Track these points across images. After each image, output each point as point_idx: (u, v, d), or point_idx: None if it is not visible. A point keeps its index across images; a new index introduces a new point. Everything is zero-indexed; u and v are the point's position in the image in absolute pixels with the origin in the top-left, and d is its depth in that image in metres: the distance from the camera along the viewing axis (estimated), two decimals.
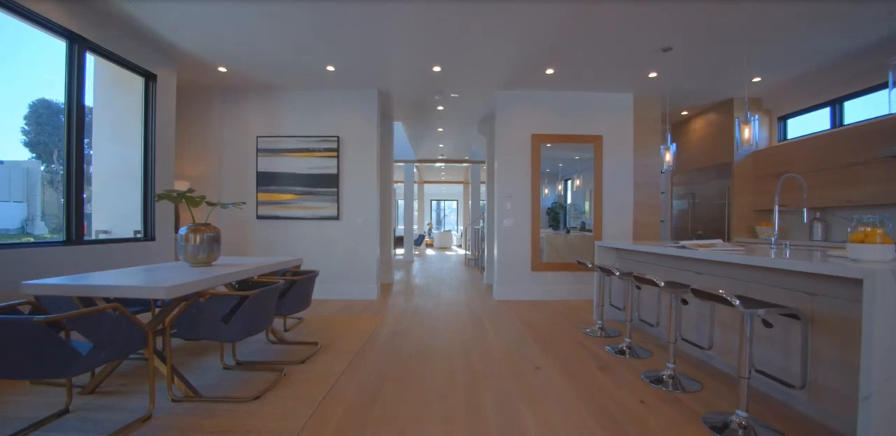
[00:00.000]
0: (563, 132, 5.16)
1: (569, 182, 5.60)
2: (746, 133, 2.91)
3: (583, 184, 5.48)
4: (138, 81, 3.98)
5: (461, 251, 14.18)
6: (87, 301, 2.26)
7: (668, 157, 3.85)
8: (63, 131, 3.17)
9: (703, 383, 2.45)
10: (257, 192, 5.13)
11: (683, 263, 3.00)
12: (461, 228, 17.84)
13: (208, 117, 5.11)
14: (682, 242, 2.89)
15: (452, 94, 5.31)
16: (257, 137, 5.12)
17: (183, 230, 2.66)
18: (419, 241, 13.30)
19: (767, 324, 2.08)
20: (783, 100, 5.25)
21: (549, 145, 5.18)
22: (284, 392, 2.29)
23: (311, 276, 2.95)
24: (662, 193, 6.44)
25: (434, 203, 20.29)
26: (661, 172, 3.93)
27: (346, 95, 5.13)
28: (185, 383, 2.18)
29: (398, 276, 7.45)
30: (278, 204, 5.11)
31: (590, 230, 5.38)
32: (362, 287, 5.09)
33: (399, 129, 7.34)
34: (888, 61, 3.90)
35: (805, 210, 2.79)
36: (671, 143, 3.92)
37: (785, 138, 5.44)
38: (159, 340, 2.25)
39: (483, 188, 12.17)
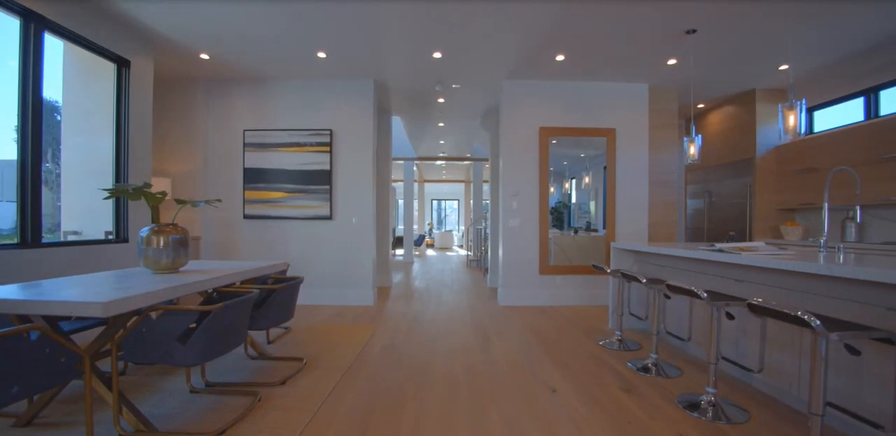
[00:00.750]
0: (572, 125, 4.79)
1: (573, 181, 5.23)
2: (791, 120, 2.55)
3: (588, 183, 5.12)
4: (110, 69, 3.63)
5: (462, 252, 13.82)
6: (25, 318, 1.91)
7: (693, 149, 3.49)
8: (17, 121, 2.83)
9: (749, 412, 2.09)
10: (244, 189, 4.77)
11: (717, 269, 2.64)
12: (462, 228, 17.49)
13: (192, 110, 4.76)
14: (719, 246, 2.52)
15: (454, 85, 4.95)
16: (244, 130, 4.77)
17: (144, 231, 2.30)
18: (419, 241, 12.95)
19: (853, 351, 1.71)
20: (812, 90, 4.87)
21: (554, 142, 4.81)
22: (257, 423, 1.93)
23: (293, 284, 2.59)
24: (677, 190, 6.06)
25: (435, 203, 19.93)
26: (685, 165, 3.55)
27: (339, 86, 4.77)
28: (136, 414, 1.82)
29: (397, 278, 7.09)
30: (267, 203, 4.76)
31: (595, 230, 5.02)
32: (357, 292, 4.73)
33: (398, 124, 6.98)
34: None
35: (858, 208, 2.43)
36: (696, 134, 3.55)
37: (811, 132, 5.07)
38: (106, 361, 1.90)
39: (486, 187, 11.82)
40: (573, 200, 5.28)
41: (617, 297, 3.29)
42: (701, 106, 5.82)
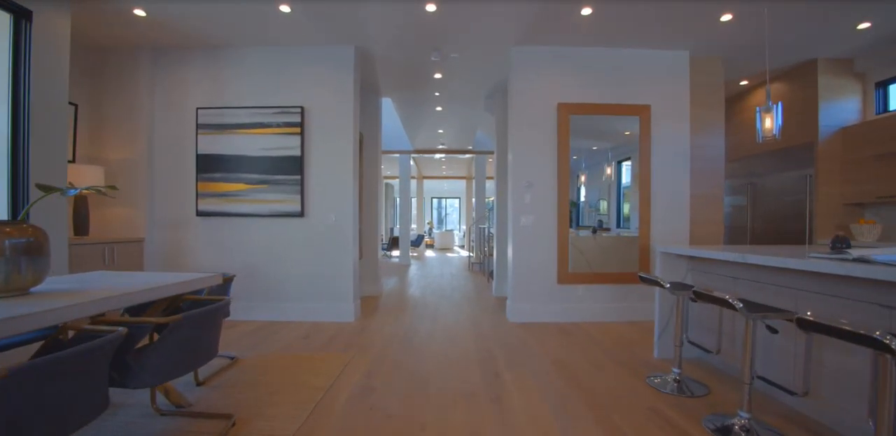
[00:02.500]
0: (598, 101, 3.92)
1: (582, 176, 4.34)
2: None
3: (611, 175, 4.25)
4: (3, 21, 2.77)
5: (464, 253, 12.96)
6: None
7: (770, 122, 2.62)
8: None
9: None
10: (197, 180, 3.91)
11: (833, 286, 1.77)
12: (464, 227, 16.63)
13: (133, 84, 3.89)
14: (857, 253, 1.65)
15: (453, 55, 4.08)
16: (197, 108, 3.90)
17: None
18: (418, 241, 12.10)
19: None
20: (890, 58, 3.98)
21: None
22: None
23: (204, 312, 1.71)
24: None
25: (435, 201, 19.09)
26: (762, 142, 2.69)
27: (312, 54, 3.90)
28: None
29: (390, 284, 6.23)
30: (224, 196, 3.89)
31: (608, 229, 4.17)
32: (334, 306, 3.86)
33: (390, 110, 6.11)
34: None
35: None
36: (771, 103, 2.68)
37: (885, 110, 4.19)
38: None
39: (489, 184, 10.96)
40: (582, 197, 4.41)
41: (676, 321, 2.41)
42: (744, 83, 4.94)
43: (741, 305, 1.69)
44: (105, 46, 3.84)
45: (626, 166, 4.26)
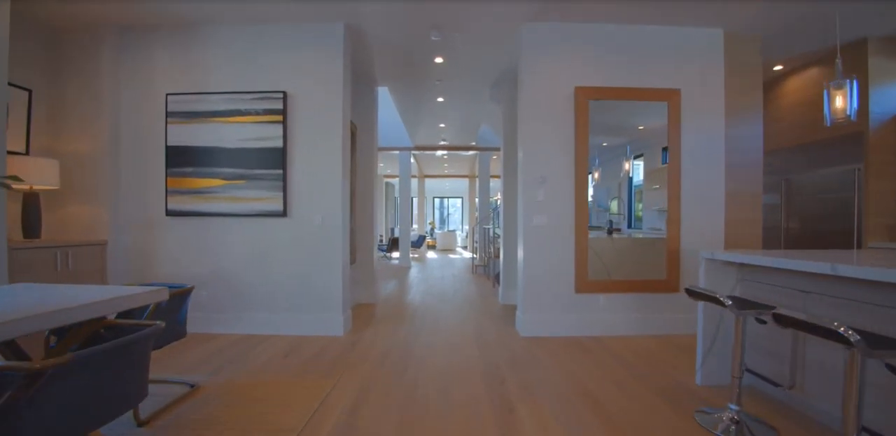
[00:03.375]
0: (621, 84, 3.44)
1: (595, 173, 3.86)
2: None
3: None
4: None
5: (467, 254, 12.49)
6: None
7: (841, 101, 2.15)
8: None
9: None
10: (167, 176, 3.46)
11: None
12: (466, 227, 16.17)
13: (96, 67, 3.44)
14: None
15: (455, 34, 3.61)
16: (167, 94, 3.46)
17: None
18: (419, 242, 11.64)
19: None
20: None
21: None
22: None
23: (112, 348, 1.24)
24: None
25: (437, 201, 18.64)
26: (832, 124, 2.22)
27: (297, 32, 3.45)
28: None
29: (388, 289, 5.77)
30: (197, 193, 3.44)
31: (619, 230, 3.71)
32: (321, 318, 3.40)
33: (388, 102, 5.66)
34: None
35: None
36: (843, 78, 2.21)
37: None
38: None
39: (493, 183, 10.46)
40: (590, 196, 3.94)
41: (735, 346, 1.93)
42: (778, 68, 4.45)
43: (858, 338, 1.22)
44: (63, 25, 3.39)
45: (637, 164, 3.81)
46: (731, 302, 1.84)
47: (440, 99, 5.49)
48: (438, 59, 4.21)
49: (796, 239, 4.51)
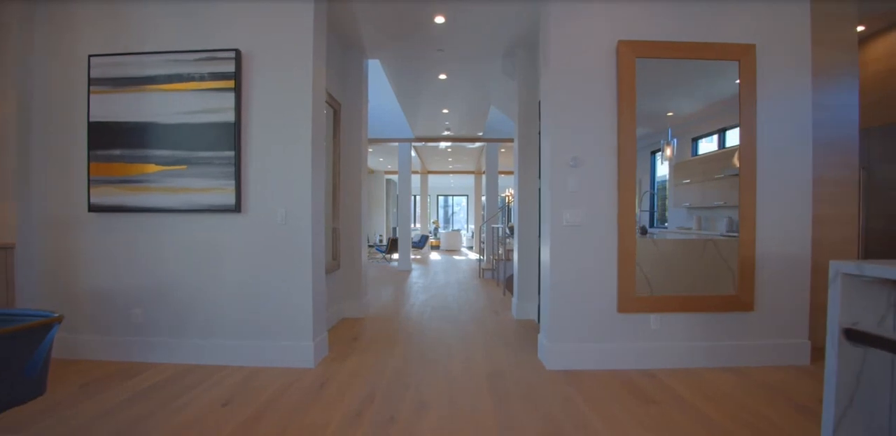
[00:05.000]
0: (677, 38, 2.62)
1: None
2: None
3: (671, 156, 2.99)
4: None
5: (472, 255, 11.69)
6: None
7: None
8: None
9: None
10: (89, 160, 2.69)
11: None
12: (472, 227, 15.38)
13: (4, 28, 2.68)
14: None
15: None
16: (90, 56, 2.68)
17: None
18: (421, 243, 10.86)
19: None
20: None
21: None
22: None
23: None
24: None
25: (441, 199, 17.86)
26: None
27: None
28: None
29: (382, 298, 4.98)
30: (127, 183, 2.67)
31: (645, 232, 2.91)
32: (284, 345, 2.61)
33: (382, 82, 4.87)
34: None
35: None
36: None
37: None
38: None
39: (502, 180, 9.62)
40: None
41: None
42: (860, 29, 3.60)
43: None
44: None
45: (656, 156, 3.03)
46: None
47: (442, 76, 4.68)
48: (439, 19, 3.40)
49: (879, 244, 3.66)
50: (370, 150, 9.47)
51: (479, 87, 5.00)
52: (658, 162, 3.09)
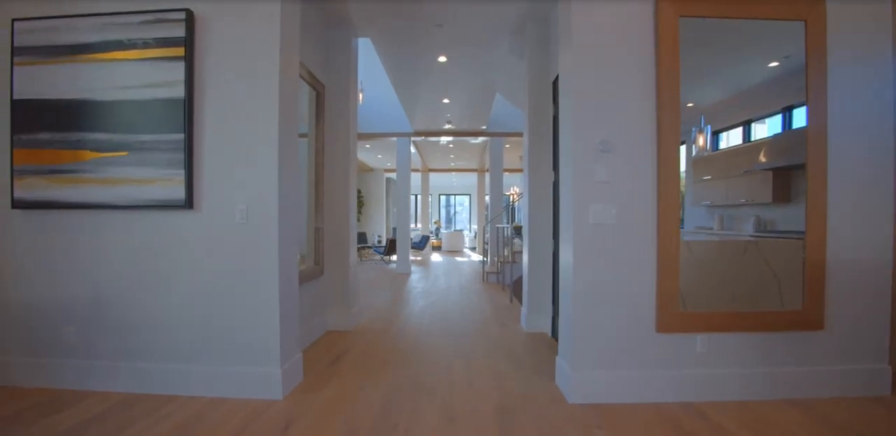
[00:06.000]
0: None
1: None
2: None
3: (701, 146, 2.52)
4: None
5: (475, 256, 11.21)
6: None
7: None
8: None
9: None
10: (13, 145, 2.22)
11: None
12: (475, 227, 14.90)
13: None
14: None
15: None
16: (13, 21, 2.21)
17: None
18: (422, 243, 10.38)
19: None
20: None
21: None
22: None
23: None
24: None
25: (443, 198, 17.39)
26: None
27: None
28: None
29: (376, 306, 4.50)
30: (57, 173, 2.20)
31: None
32: (247, 373, 2.13)
33: (379, 73, 4.40)
34: None
35: None
36: None
37: None
38: None
39: (507, 178, 9.11)
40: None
41: None
42: None
43: None
44: None
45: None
46: None
47: (442, 58, 4.20)
48: None
49: None
50: (367, 146, 9.00)
51: (482, 70, 4.50)
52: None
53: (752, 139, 3.71)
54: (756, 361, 2.12)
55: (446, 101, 5.67)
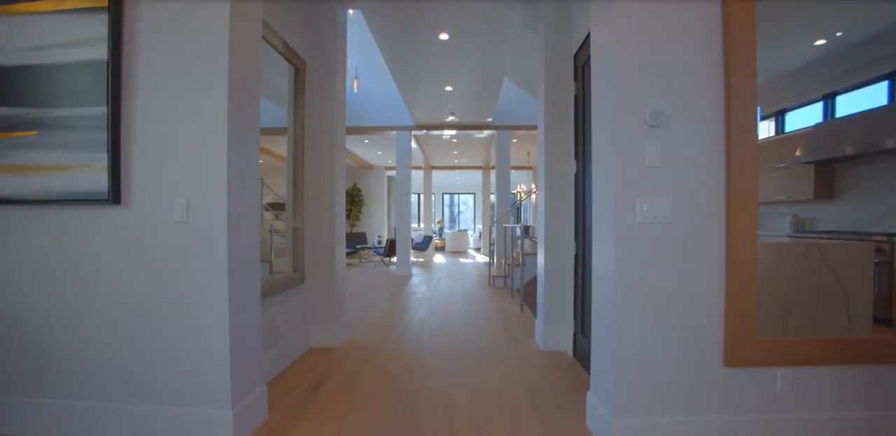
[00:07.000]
0: None
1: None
2: None
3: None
4: None
5: (480, 257, 10.71)
6: None
7: None
8: None
9: None
10: None
11: None
12: (480, 227, 14.40)
13: None
14: None
15: None
16: None
17: None
18: (425, 244, 9.90)
19: None
20: None
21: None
22: None
23: None
24: None
25: (446, 197, 16.89)
26: None
27: None
28: None
29: (371, 313, 4.01)
30: None
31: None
32: (189, 415, 1.65)
33: (375, 62, 3.91)
34: None
35: None
36: None
37: None
38: None
39: (514, 175, 8.61)
40: None
41: None
42: None
43: None
44: None
45: None
46: None
47: (444, 36, 3.70)
48: None
49: None
50: (366, 141, 8.53)
51: (490, 50, 3.99)
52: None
53: (786, 131, 3.18)
54: (857, 402, 1.61)
55: (449, 88, 5.17)
